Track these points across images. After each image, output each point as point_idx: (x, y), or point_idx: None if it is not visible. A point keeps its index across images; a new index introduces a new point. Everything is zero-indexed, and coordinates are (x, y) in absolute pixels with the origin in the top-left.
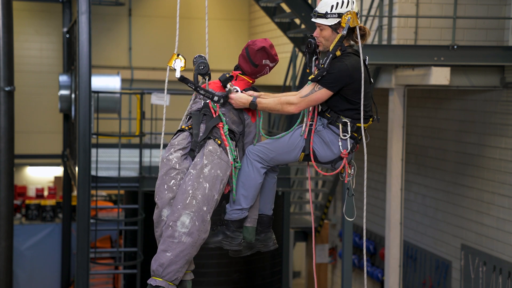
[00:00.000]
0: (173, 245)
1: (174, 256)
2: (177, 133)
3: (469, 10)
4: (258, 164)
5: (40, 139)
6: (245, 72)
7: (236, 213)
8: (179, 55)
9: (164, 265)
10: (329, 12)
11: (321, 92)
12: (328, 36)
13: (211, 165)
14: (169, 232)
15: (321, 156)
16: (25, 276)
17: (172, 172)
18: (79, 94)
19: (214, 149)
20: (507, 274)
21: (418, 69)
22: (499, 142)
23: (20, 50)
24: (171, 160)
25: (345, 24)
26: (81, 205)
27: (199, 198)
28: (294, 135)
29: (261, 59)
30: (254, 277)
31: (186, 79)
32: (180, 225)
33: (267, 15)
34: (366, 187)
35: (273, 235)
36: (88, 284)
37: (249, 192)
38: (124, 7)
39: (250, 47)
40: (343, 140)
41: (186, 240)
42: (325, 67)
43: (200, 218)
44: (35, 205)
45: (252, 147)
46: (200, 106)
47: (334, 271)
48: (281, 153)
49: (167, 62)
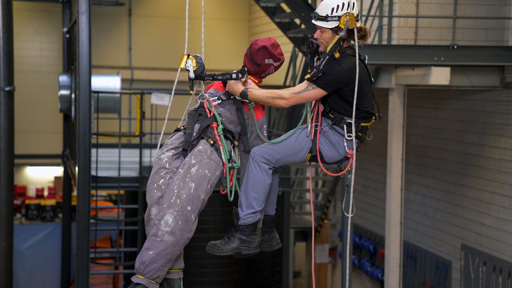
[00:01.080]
0: (156, 244)
1: (156, 255)
2: (174, 133)
3: (469, 10)
4: (265, 166)
5: (40, 139)
6: (251, 72)
7: (250, 217)
8: (189, 55)
9: (145, 263)
10: (330, 15)
11: (315, 92)
12: (328, 38)
13: (199, 164)
14: (154, 230)
15: (328, 156)
16: (25, 276)
17: (162, 171)
18: (79, 94)
19: (204, 149)
20: (507, 274)
21: (418, 69)
22: (499, 142)
23: (20, 50)
24: (162, 160)
25: (344, 26)
26: (81, 205)
27: (183, 197)
28: (300, 136)
29: (263, 58)
30: (254, 277)
31: (200, 75)
32: (164, 224)
33: (267, 15)
34: (366, 187)
35: (276, 234)
36: (88, 284)
37: (260, 194)
38: (124, 7)
39: (253, 46)
40: (348, 140)
41: (168, 239)
42: (321, 68)
43: (183, 218)
44: (35, 205)
45: (258, 149)
46: (197, 106)
47: (334, 271)
48: (288, 155)
49: (178, 64)
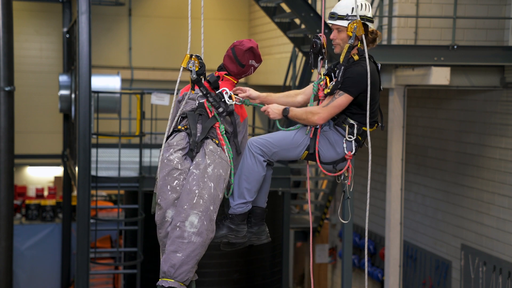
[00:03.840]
0: (183, 246)
1: (185, 257)
2: (173, 134)
3: (469, 10)
4: (261, 158)
5: (40, 139)
6: (230, 73)
7: (241, 207)
8: (192, 56)
9: (175, 266)
10: (350, 14)
11: (342, 98)
12: (346, 38)
13: (213, 164)
14: (178, 232)
15: (324, 156)
16: (25, 276)
17: (174, 173)
18: (79, 94)
19: (214, 148)
20: (507, 274)
21: (418, 69)
22: (499, 142)
23: (20, 50)
24: (173, 161)
25: (352, 33)
26: (81, 205)
27: (206, 197)
28: (299, 133)
29: (248, 60)
30: (254, 277)
31: (200, 81)
32: (189, 225)
33: (267, 15)
34: (366, 187)
35: (266, 228)
36: (88, 284)
37: (253, 185)
38: (124, 7)
39: (237, 47)
40: (348, 141)
41: (196, 240)
42: (339, 80)
43: (208, 218)
44: (35, 205)
45: (255, 140)
46: (194, 106)
47: (334, 271)
48: (285, 149)
49: (181, 63)
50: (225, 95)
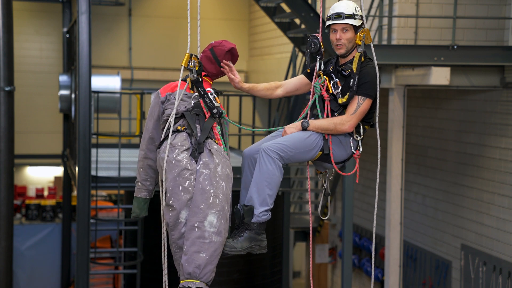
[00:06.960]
0: (205, 246)
1: (209, 256)
2: (173, 134)
3: (469, 10)
4: (279, 162)
5: (40, 139)
6: (208, 74)
7: (265, 214)
8: (192, 55)
9: (201, 267)
10: (355, 13)
11: (367, 103)
12: (352, 38)
13: (221, 164)
14: (198, 233)
15: (336, 155)
16: (25, 276)
17: (185, 173)
18: (79, 94)
19: (219, 148)
20: (507, 274)
21: (418, 69)
22: (499, 142)
23: (20, 50)
24: (182, 161)
25: (361, 42)
26: (81, 205)
27: (221, 196)
28: (312, 135)
29: (228, 60)
30: (254, 277)
31: (199, 82)
32: (208, 225)
33: (267, 15)
34: (366, 187)
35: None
36: (88, 284)
37: (274, 190)
38: (124, 7)
39: (218, 48)
40: (355, 140)
41: (216, 239)
42: (355, 89)
43: (224, 217)
44: (35, 205)
45: (271, 145)
46: (189, 106)
47: (334, 271)
48: (300, 152)
49: (181, 62)
50: (210, 96)
